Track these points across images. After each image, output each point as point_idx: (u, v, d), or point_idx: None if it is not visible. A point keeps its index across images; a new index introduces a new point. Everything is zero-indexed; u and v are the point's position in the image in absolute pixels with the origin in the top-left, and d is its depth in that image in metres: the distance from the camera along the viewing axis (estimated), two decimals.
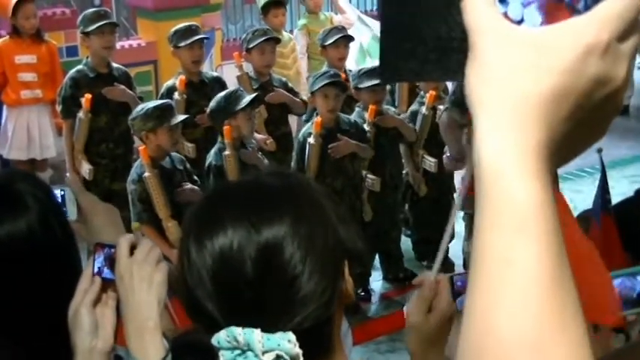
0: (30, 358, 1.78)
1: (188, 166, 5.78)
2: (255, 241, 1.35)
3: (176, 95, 6.29)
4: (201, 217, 1.45)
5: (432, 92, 6.59)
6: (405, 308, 2.22)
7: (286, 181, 1.49)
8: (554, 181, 2.14)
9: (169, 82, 6.68)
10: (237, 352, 1.31)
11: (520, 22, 0.78)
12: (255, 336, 1.30)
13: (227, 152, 5.65)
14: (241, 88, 6.12)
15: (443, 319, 1.84)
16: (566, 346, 0.70)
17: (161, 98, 6.25)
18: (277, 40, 7.03)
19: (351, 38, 7.31)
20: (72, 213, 2.04)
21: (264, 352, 1.29)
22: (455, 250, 6.77)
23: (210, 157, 5.78)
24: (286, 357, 1.29)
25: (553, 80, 0.73)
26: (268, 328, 1.32)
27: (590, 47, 0.73)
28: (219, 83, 6.78)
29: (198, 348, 2.05)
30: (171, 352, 1.73)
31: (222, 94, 5.93)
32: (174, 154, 5.73)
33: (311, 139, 6.01)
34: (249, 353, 1.30)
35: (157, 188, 5.43)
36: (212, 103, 5.87)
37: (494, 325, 0.71)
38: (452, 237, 6.87)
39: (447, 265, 6.78)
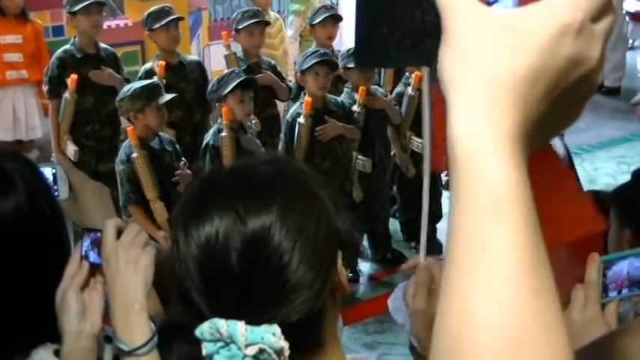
0: (17, 339, 1.76)
1: (178, 147, 5.76)
2: (241, 232, 1.32)
3: (155, 79, 6.23)
4: (190, 205, 1.41)
5: (418, 73, 6.58)
6: (396, 294, 2.20)
7: (279, 168, 1.45)
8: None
9: (147, 65, 6.64)
10: (220, 344, 1.29)
11: (493, 3, 0.77)
12: (239, 328, 1.27)
13: (224, 133, 5.65)
14: (237, 70, 6.10)
15: None
16: (544, 330, 0.69)
17: (140, 80, 6.21)
18: (267, 23, 7.01)
19: (339, 17, 7.29)
20: (64, 192, 2.03)
21: (247, 345, 1.27)
22: (443, 230, 6.79)
23: (208, 137, 5.80)
24: (270, 351, 1.27)
25: (527, 61, 0.72)
26: (254, 320, 1.29)
27: (564, 27, 0.72)
28: (199, 66, 6.78)
29: (185, 331, 2.04)
30: (157, 334, 1.72)
31: (219, 75, 5.95)
32: (163, 135, 5.72)
33: (301, 119, 6.00)
34: (233, 346, 1.28)
35: (145, 169, 5.42)
36: (209, 85, 5.92)
37: (469, 309, 0.70)
38: (439, 217, 6.92)
39: (436, 246, 6.80)
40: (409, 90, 6.68)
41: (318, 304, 1.34)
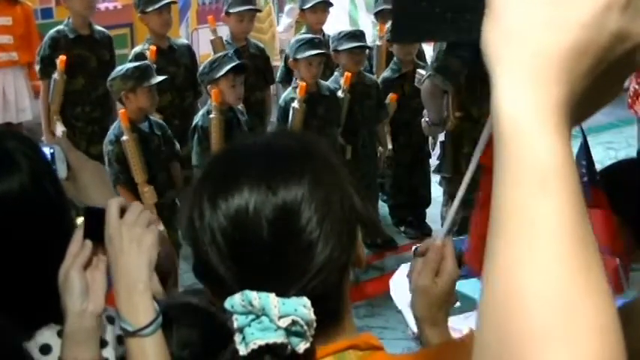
0: (20, 320, 1.76)
1: (169, 132, 5.74)
2: (272, 203, 1.33)
3: (143, 62, 6.19)
4: (216, 176, 1.42)
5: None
6: (398, 273, 2.22)
7: (304, 144, 1.46)
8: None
9: (137, 49, 6.57)
10: (252, 316, 1.28)
11: None
12: (271, 300, 1.27)
13: (212, 115, 5.64)
14: (231, 53, 6.07)
15: (450, 282, 1.84)
16: (593, 306, 0.69)
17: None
18: (258, 11, 6.97)
19: (329, 3, 7.28)
20: (62, 171, 2.02)
21: (279, 317, 1.27)
22: (432, 214, 6.81)
23: (198, 118, 5.79)
24: (302, 322, 1.27)
25: (573, 35, 0.72)
26: (282, 292, 1.29)
27: (610, 2, 0.72)
28: (189, 50, 6.75)
29: (184, 314, 2.05)
30: (161, 314, 1.73)
31: (211, 58, 5.93)
32: (154, 119, 5.70)
33: (295, 104, 6.00)
34: (264, 318, 1.28)
35: (134, 152, 5.40)
36: (200, 67, 5.88)
37: (518, 284, 0.70)
38: (429, 202, 6.93)
39: (425, 231, 6.83)
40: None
41: (342, 277, 1.36)
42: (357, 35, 6.49)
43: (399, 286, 2.17)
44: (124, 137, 5.41)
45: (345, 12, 8.75)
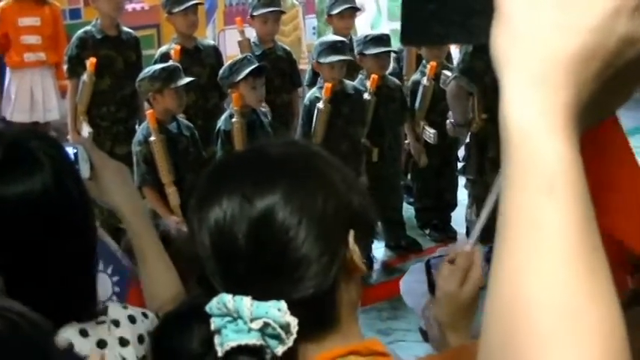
0: (46, 316, 1.77)
1: (196, 133, 5.76)
2: (247, 214, 1.35)
3: (170, 63, 6.22)
4: (203, 188, 1.45)
5: (433, 63, 6.59)
6: (408, 277, 2.21)
7: (290, 150, 1.48)
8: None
9: (163, 49, 6.64)
10: (228, 319, 1.31)
11: None
12: (245, 303, 1.30)
13: (235, 119, 5.66)
14: (250, 56, 6.09)
15: (476, 289, 1.85)
16: (598, 311, 0.68)
17: (154, 64, 6.20)
18: (282, 12, 6.99)
19: (357, 9, 7.28)
20: (85, 171, 2.03)
21: (252, 320, 1.30)
22: (458, 217, 6.79)
23: (220, 122, 5.80)
24: (274, 325, 1.29)
25: (581, 39, 0.72)
26: (263, 297, 1.31)
27: (619, 6, 0.72)
28: (215, 51, 6.77)
29: (205, 312, 2.06)
30: (177, 316, 1.74)
31: (231, 61, 5.94)
32: (182, 120, 5.73)
33: (320, 104, 6.00)
34: (240, 321, 1.30)
35: (161, 154, 5.43)
36: (220, 70, 5.90)
37: (523, 288, 0.69)
38: (455, 205, 6.92)
39: (450, 234, 6.82)
40: (424, 80, 6.68)
41: (327, 281, 1.35)
42: (384, 39, 6.48)
43: (409, 289, 2.16)
44: (152, 138, 5.44)
45: (369, 17, 8.74)
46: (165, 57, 6.34)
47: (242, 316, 1.30)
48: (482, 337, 0.72)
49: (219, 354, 1.31)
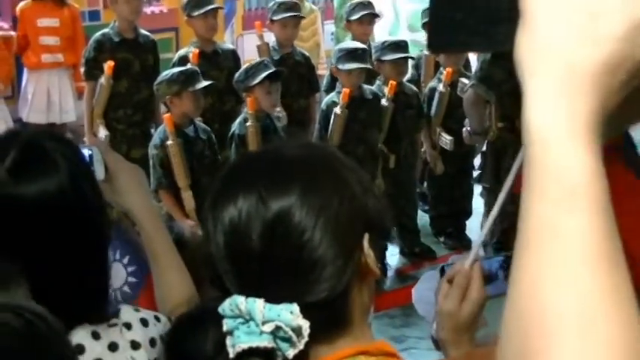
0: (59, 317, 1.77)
1: (213, 137, 5.77)
2: (262, 214, 1.35)
3: (189, 66, 6.24)
4: (219, 188, 1.45)
5: (449, 70, 6.59)
6: (420, 285, 2.20)
7: (305, 151, 1.48)
8: None
9: (182, 52, 6.67)
10: (240, 320, 1.31)
11: None
12: (257, 306, 1.30)
13: (249, 123, 5.66)
14: (267, 60, 6.10)
15: (476, 307, 1.85)
16: (618, 323, 0.68)
17: (173, 67, 6.22)
18: (301, 17, 7.00)
19: (376, 15, 7.28)
20: (100, 173, 2.03)
21: (264, 322, 1.30)
22: (471, 226, 6.77)
23: (235, 127, 5.80)
24: (286, 328, 1.29)
25: (608, 49, 0.71)
26: (276, 299, 1.31)
27: None
28: (233, 55, 6.79)
29: (219, 315, 2.06)
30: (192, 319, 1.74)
31: (247, 65, 5.95)
32: (198, 123, 5.73)
33: (337, 109, 6.00)
34: (252, 322, 1.30)
35: (178, 157, 5.43)
36: (236, 74, 5.89)
37: (541, 297, 0.69)
38: (469, 214, 6.91)
39: (464, 242, 6.80)
40: (440, 86, 6.67)
41: (341, 285, 1.35)
42: (401, 46, 6.48)
43: (420, 297, 2.15)
44: (169, 142, 5.45)
45: (387, 24, 8.73)
46: (183, 60, 6.37)
47: (254, 318, 1.30)
48: (500, 343, 0.72)
49: (231, 355, 1.32)
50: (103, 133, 6.35)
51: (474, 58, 6.98)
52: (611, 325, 0.68)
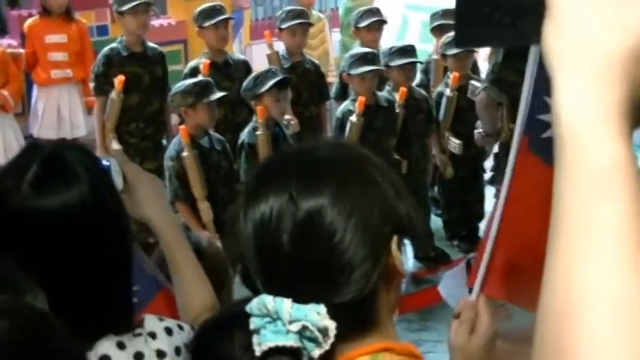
0: (80, 330, 1.78)
1: (228, 147, 5.77)
2: (293, 213, 1.35)
3: (200, 77, 6.26)
4: (251, 184, 1.46)
5: (456, 74, 6.59)
6: (446, 282, 2.22)
7: (338, 152, 1.48)
8: None
9: (192, 63, 6.68)
10: (267, 319, 1.32)
11: None
12: (285, 305, 1.30)
13: (259, 132, 5.65)
14: (275, 68, 6.11)
15: (484, 340, 1.88)
16: None
17: (184, 78, 6.24)
18: (310, 24, 7.02)
19: (384, 22, 7.29)
20: (118, 184, 2.04)
21: (290, 322, 1.30)
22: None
23: (244, 135, 5.79)
24: (312, 328, 1.30)
25: (634, 37, 0.72)
26: (303, 299, 1.32)
27: None
28: (245, 66, 6.79)
29: (244, 320, 2.07)
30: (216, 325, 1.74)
31: (255, 73, 5.95)
32: (213, 133, 5.73)
33: (353, 118, 6.00)
34: (279, 322, 1.31)
35: (194, 169, 5.44)
36: (244, 82, 5.88)
37: (577, 284, 0.70)
38: (482, 217, 6.89)
39: (477, 244, 6.78)
40: (447, 91, 6.68)
41: (368, 287, 1.35)
42: (409, 51, 6.49)
43: (450, 292, 2.17)
44: (185, 153, 5.45)
45: (394, 30, 8.72)
46: (195, 71, 6.38)
47: (281, 317, 1.30)
48: (536, 331, 0.73)
49: (257, 353, 1.32)
50: (115, 147, 6.37)
51: (483, 63, 6.98)
52: None
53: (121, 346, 1.85)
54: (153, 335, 1.92)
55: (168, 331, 1.94)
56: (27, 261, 1.76)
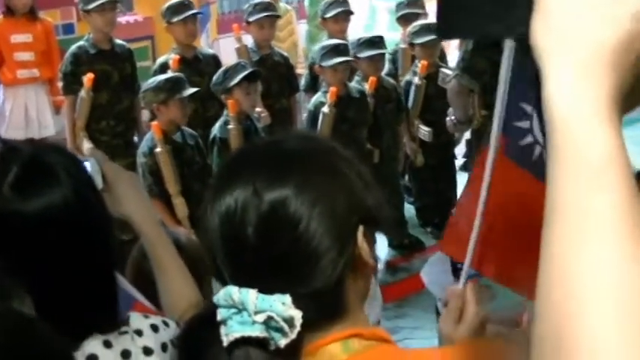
0: (67, 330, 1.78)
1: (200, 142, 5.76)
2: (257, 205, 1.36)
3: (170, 73, 6.23)
4: (219, 177, 1.47)
5: (424, 62, 6.62)
6: (428, 269, 2.24)
7: (307, 144, 1.49)
8: None
9: (162, 59, 6.65)
10: (234, 310, 1.33)
11: None
12: (250, 296, 1.32)
13: (231, 126, 5.64)
14: (244, 62, 6.10)
15: (471, 328, 1.90)
16: None
17: (154, 75, 6.20)
18: (277, 16, 7.01)
19: (351, 12, 7.30)
20: (98, 183, 2.04)
21: (256, 313, 1.31)
22: None
23: (216, 130, 5.78)
24: (278, 319, 1.31)
25: (623, 28, 0.73)
26: (269, 289, 1.33)
27: None
28: (214, 60, 6.77)
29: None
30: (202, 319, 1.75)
31: (225, 67, 5.94)
32: (186, 129, 5.72)
33: (325, 109, 6.01)
34: (245, 313, 1.32)
35: (167, 164, 5.41)
36: (214, 77, 5.88)
37: (573, 273, 0.70)
38: (455, 203, 6.93)
39: None
40: (416, 79, 6.71)
41: (334, 276, 1.36)
42: (376, 42, 6.51)
43: (433, 279, 2.20)
44: (158, 149, 5.43)
45: (361, 21, 8.74)
46: (164, 67, 6.36)
47: (247, 308, 1.32)
48: (534, 321, 0.73)
49: (224, 344, 1.33)
50: (86, 145, 6.33)
51: (455, 52, 7.01)
52: None
53: (107, 344, 1.86)
54: (139, 333, 1.92)
55: (154, 328, 1.95)
56: (11, 263, 1.76)
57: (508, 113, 1.92)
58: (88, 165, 2.03)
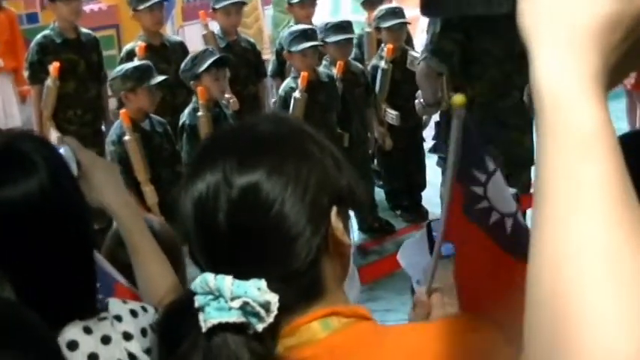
0: (46, 317, 1.79)
1: (169, 129, 5.75)
2: (227, 191, 1.36)
3: (137, 61, 6.22)
4: (192, 163, 1.47)
5: (390, 46, 6.65)
6: (404, 252, 2.26)
7: (278, 128, 1.48)
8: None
9: (128, 46, 6.62)
10: (211, 297, 1.34)
11: None
12: (226, 282, 1.32)
13: (200, 113, 5.63)
14: (212, 48, 6.09)
15: None
16: None
17: (121, 62, 6.18)
18: (243, 3, 7.00)
19: None
20: (73, 170, 2.03)
21: (232, 299, 1.32)
22: (428, 197, 6.84)
23: (184, 117, 5.76)
24: (254, 304, 1.32)
25: (609, 7, 0.75)
26: (244, 274, 1.33)
27: None
28: (181, 47, 6.76)
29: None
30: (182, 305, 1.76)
31: (193, 54, 5.93)
32: (154, 116, 5.70)
33: (296, 94, 6.01)
34: (221, 299, 1.33)
35: (136, 152, 5.40)
36: (182, 64, 5.86)
37: (565, 245, 0.71)
38: (424, 186, 6.97)
39: (420, 213, 6.88)
40: (382, 63, 6.73)
41: (309, 257, 1.37)
42: (344, 26, 6.52)
43: (409, 262, 2.20)
44: (126, 137, 5.42)
45: (327, 5, 8.76)
46: (131, 55, 6.34)
47: (223, 294, 1.32)
48: (527, 297, 0.74)
49: (203, 330, 1.34)
50: (54, 135, 6.30)
51: (422, 35, 7.02)
52: (637, 260, 0.70)
53: (87, 330, 1.86)
54: (118, 318, 1.93)
55: (134, 314, 1.95)
56: None
57: (463, 177, 1.92)
58: (62, 152, 2.02)
